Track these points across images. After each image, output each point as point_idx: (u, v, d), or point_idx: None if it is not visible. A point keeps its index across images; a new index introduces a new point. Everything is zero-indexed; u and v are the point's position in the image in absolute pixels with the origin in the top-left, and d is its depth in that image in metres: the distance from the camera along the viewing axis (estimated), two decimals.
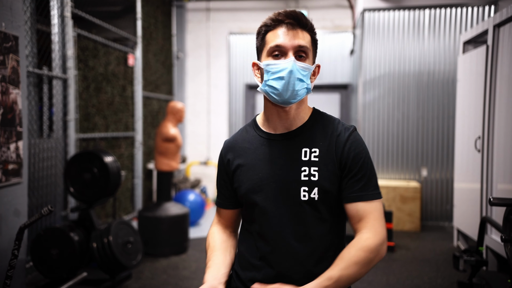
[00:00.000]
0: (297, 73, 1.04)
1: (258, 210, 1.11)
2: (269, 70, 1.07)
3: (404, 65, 5.02)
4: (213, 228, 1.25)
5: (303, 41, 1.06)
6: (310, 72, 1.09)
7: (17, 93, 2.39)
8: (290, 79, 1.04)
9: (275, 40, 1.06)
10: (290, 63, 1.04)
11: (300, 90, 1.06)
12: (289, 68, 1.04)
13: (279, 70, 1.05)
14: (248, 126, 1.21)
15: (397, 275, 3.36)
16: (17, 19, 2.38)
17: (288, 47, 1.05)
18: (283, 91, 1.05)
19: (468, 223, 3.80)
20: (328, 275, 1.01)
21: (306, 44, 1.07)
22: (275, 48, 1.06)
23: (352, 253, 1.02)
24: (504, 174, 3.15)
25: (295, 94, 1.06)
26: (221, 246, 1.19)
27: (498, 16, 3.24)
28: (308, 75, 1.08)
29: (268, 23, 1.08)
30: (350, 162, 1.09)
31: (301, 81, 1.05)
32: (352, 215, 1.09)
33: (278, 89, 1.05)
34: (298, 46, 1.06)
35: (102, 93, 4.11)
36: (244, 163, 1.13)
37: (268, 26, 1.09)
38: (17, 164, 2.40)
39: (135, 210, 4.75)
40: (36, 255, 2.68)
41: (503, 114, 3.19)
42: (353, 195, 1.08)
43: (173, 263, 3.62)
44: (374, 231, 1.05)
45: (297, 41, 1.06)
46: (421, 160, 5.01)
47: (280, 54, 1.06)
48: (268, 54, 1.08)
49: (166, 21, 5.85)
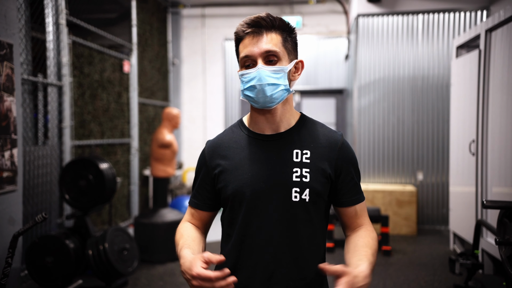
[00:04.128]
0: (267, 79, 1.05)
1: (246, 210, 1.09)
2: (243, 80, 1.09)
3: (399, 70, 5.06)
4: (184, 223, 1.21)
5: (269, 44, 1.06)
6: (285, 72, 1.08)
7: (11, 101, 2.38)
8: (261, 86, 1.05)
9: (244, 50, 1.08)
10: (256, 72, 1.06)
11: (275, 94, 1.06)
12: (257, 76, 1.05)
13: (249, 79, 1.07)
14: (233, 126, 1.20)
15: (394, 279, 3.36)
16: (11, 27, 2.39)
17: (255, 55, 1.06)
18: (258, 99, 1.06)
19: (464, 226, 3.81)
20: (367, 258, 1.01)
21: (273, 46, 1.06)
22: (245, 59, 1.08)
23: (372, 242, 1.08)
24: (499, 177, 3.17)
25: (270, 99, 1.06)
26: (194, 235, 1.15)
27: (490, 20, 3.28)
28: (284, 77, 1.07)
29: (237, 35, 1.11)
30: (347, 167, 1.12)
31: (273, 85, 1.06)
32: (351, 216, 1.14)
33: (253, 98, 1.07)
34: (264, 51, 1.06)
35: (98, 100, 4.11)
36: (231, 163, 1.11)
37: (237, 39, 1.11)
38: (11, 171, 2.39)
39: (131, 216, 4.73)
40: (31, 263, 2.66)
41: (496, 118, 3.21)
42: (353, 198, 1.13)
43: (169, 270, 3.60)
44: (372, 228, 1.15)
45: (262, 47, 1.06)
46: (417, 164, 5.03)
47: (251, 64, 1.08)
48: (242, 65, 1.10)
49: (161, 27, 5.87)
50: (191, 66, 6.32)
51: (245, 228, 1.10)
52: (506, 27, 3.08)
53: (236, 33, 1.11)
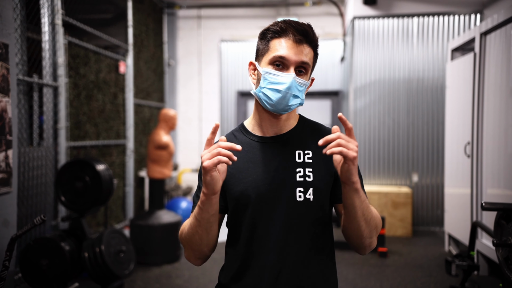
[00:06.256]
0: (295, 90, 1.05)
1: (251, 212, 1.09)
2: (267, 79, 1.07)
3: (394, 72, 5.09)
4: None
5: (306, 57, 1.06)
6: (306, 87, 1.10)
7: (6, 101, 2.36)
8: (287, 94, 1.05)
9: (280, 50, 1.06)
10: (290, 79, 1.04)
11: (293, 105, 1.08)
12: (288, 84, 1.04)
13: (278, 82, 1.05)
14: (235, 131, 1.20)
15: (390, 280, 3.37)
16: (7, 27, 2.36)
17: (292, 61, 1.05)
18: (277, 104, 1.06)
19: (459, 228, 3.83)
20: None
21: (309, 60, 1.07)
22: (278, 59, 1.06)
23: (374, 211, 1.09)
24: (494, 179, 3.19)
25: (287, 108, 1.07)
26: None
27: (484, 24, 3.31)
28: (304, 90, 1.09)
29: (276, 29, 1.07)
30: None
31: (295, 97, 1.07)
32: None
33: (273, 100, 1.06)
34: (301, 62, 1.06)
35: (93, 101, 4.08)
36: (235, 166, 1.11)
37: (275, 33, 1.08)
38: (6, 173, 2.36)
39: (127, 218, 4.70)
40: (25, 266, 2.63)
41: (491, 120, 3.24)
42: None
43: (166, 272, 3.58)
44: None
45: (301, 58, 1.06)
46: (412, 165, 5.06)
47: (281, 66, 1.06)
48: (270, 62, 1.07)
49: (157, 28, 5.85)
50: (187, 67, 6.31)
51: (251, 230, 1.10)
52: (500, 30, 3.11)
53: (276, 28, 1.07)
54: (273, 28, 1.08)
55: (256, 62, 1.13)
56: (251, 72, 1.14)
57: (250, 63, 1.13)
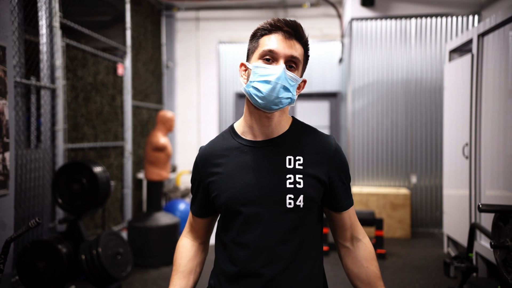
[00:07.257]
0: (285, 81, 1.04)
1: (241, 218, 1.08)
2: (257, 72, 1.05)
3: (392, 73, 5.09)
4: (183, 241, 1.23)
5: (296, 52, 1.06)
6: (297, 84, 1.08)
7: (4, 104, 2.35)
8: (277, 85, 1.03)
9: (269, 44, 1.05)
10: (279, 70, 1.03)
11: (284, 99, 1.05)
12: (278, 74, 1.03)
13: (268, 74, 1.04)
14: (225, 133, 1.18)
15: (388, 282, 3.37)
16: (4, 29, 2.36)
17: (280, 54, 1.05)
18: (267, 95, 1.03)
19: (457, 229, 3.83)
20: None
21: (299, 56, 1.07)
22: (268, 53, 1.05)
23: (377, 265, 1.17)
24: (492, 180, 3.19)
25: (278, 101, 1.04)
26: (186, 267, 1.19)
27: (482, 26, 3.32)
28: (295, 86, 1.07)
29: (266, 27, 1.07)
30: (340, 172, 1.13)
31: (286, 90, 1.04)
32: (345, 221, 1.15)
33: (263, 93, 1.03)
34: (290, 56, 1.05)
35: (91, 103, 4.08)
36: (223, 171, 1.10)
37: (264, 30, 1.07)
38: (3, 175, 2.36)
39: (125, 220, 4.69)
40: (22, 269, 2.62)
41: (489, 121, 3.24)
42: (345, 203, 1.14)
43: (163, 274, 3.57)
44: (364, 234, 1.19)
45: (291, 51, 1.05)
46: (411, 167, 5.06)
47: (271, 60, 1.05)
48: (259, 57, 1.07)
49: (155, 30, 5.86)
50: (185, 69, 6.31)
51: (240, 236, 1.09)
52: (498, 32, 3.11)
53: (266, 26, 1.07)
54: (263, 27, 1.08)
55: (246, 62, 1.12)
56: (242, 73, 1.12)
57: (241, 64, 1.12)
